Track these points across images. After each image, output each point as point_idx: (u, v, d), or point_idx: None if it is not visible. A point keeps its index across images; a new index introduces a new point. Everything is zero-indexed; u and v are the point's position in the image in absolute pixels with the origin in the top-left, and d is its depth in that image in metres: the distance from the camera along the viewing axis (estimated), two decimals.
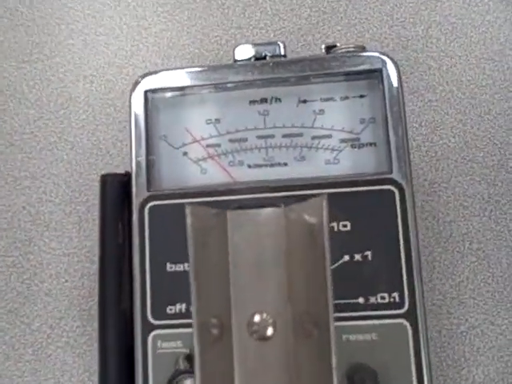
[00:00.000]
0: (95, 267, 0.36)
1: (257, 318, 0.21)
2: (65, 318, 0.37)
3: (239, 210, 0.22)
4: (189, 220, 0.20)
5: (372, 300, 0.28)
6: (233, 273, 0.21)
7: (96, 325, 0.35)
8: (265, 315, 0.21)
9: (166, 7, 0.42)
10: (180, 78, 0.32)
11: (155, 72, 0.32)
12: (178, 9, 0.41)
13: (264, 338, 0.20)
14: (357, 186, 0.29)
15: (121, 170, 0.39)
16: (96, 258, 0.36)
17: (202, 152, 0.32)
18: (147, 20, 0.41)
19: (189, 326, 0.27)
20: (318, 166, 0.31)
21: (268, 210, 0.22)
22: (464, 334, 0.35)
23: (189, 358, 0.28)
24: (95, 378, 0.35)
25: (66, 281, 0.38)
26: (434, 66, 0.39)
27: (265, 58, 0.32)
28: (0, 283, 0.39)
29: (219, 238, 0.21)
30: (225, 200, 0.30)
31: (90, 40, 0.42)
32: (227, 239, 0.21)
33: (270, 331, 0.20)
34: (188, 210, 0.20)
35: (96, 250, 0.36)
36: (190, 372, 0.27)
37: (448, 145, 0.38)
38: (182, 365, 0.27)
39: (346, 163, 0.31)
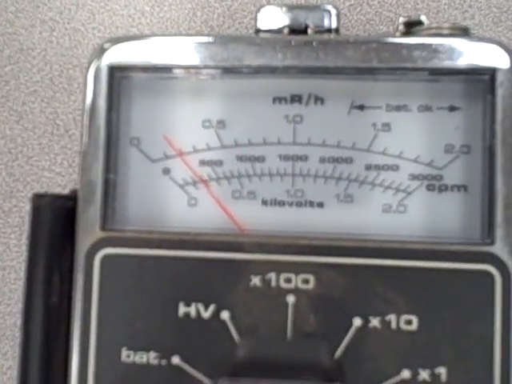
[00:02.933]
0: None
1: None
2: None
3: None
4: None
5: None
6: None
7: None
8: None
9: None
10: (169, 50, 0.21)
11: (131, 38, 0.22)
12: None
13: None
14: (432, 259, 0.19)
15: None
16: None
17: (192, 171, 0.21)
18: None
19: None
20: (371, 213, 0.21)
21: None
22: None
23: None
24: None
25: None
26: None
27: (305, 30, 0.21)
28: None
29: None
30: (221, 259, 0.20)
31: None
32: None
33: None
34: None
35: None
36: None
37: None
38: None
39: (416, 215, 0.21)
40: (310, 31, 0.21)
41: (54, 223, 0.20)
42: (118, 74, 0.21)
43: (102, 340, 0.20)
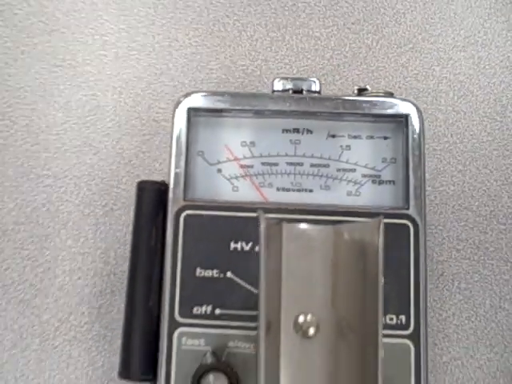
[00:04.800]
0: (109, 268, 0.41)
1: (301, 319, 0.25)
2: (74, 314, 0.40)
3: (294, 223, 0.26)
4: (262, 225, 0.24)
5: None
6: (284, 278, 0.25)
7: (104, 322, 0.40)
8: (309, 317, 0.24)
9: (197, 32, 0.46)
10: (221, 100, 0.36)
11: (199, 91, 0.36)
12: (210, 35, 0.45)
13: (307, 336, 0.24)
14: (374, 217, 0.32)
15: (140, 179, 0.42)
16: (110, 260, 0.41)
17: (235, 170, 0.35)
18: (179, 42, 0.45)
19: (213, 326, 0.31)
20: (340, 195, 0.35)
21: (319, 227, 0.26)
22: (446, 364, 0.39)
23: (214, 354, 0.31)
24: (99, 372, 0.39)
25: (79, 278, 0.40)
26: (440, 118, 0.44)
27: (301, 91, 0.35)
28: (13, 274, 0.41)
29: (275, 246, 0.25)
30: (250, 216, 0.34)
31: (122, 53, 0.45)
32: (281, 248, 0.25)
33: (312, 331, 0.24)
34: (261, 216, 0.24)
35: (111, 253, 0.41)
36: (215, 368, 0.31)
37: (447, 191, 0.43)
38: (210, 359, 0.31)
39: (366, 196, 0.35)
40: (304, 92, 0.36)
41: (153, 197, 0.35)
42: (191, 112, 0.35)
43: (184, 264, 0.32)
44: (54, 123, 0.44)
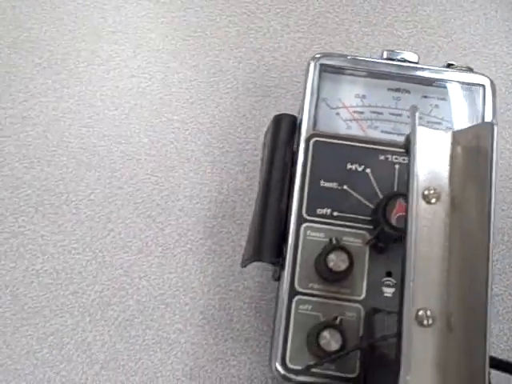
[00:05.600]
0: (221, 197, 0.50)
1: (426, 192, 0.35)
2: (191, 230, 0.48)
3: (425, 127, 0.37)
4: (417, 114, 0.35)
5: None
6: (417, 164, 0.36)
7: (215, 239, 0.49)
8: (432, 191, 0.35)
9: (304, 21, 0.57)
10: (344, 60, 0.47)
11: (329, 53, 0.48)
12: (314, 25, 0.57)
13: (430, 203, 0.35)
14: None
15: (253, 131, 0.53)
16: (223, 191, 0.51)
17: (349, 115, 0.46)
18: (289, 27, 0.57)
19: (331, 224, 0.42)
20: None
21: (442, 131, 0.37)
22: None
23: (337, 240, 0.42)
24: (209, 279, 0.48)
25: (197, 202, 0.49)
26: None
27: (404, 61, 0.45)
28: (143, 195, 0.51)
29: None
30: (363, 146, 0.45)
31: (242, 31, 0.56)
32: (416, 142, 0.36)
33: (434, 200, 0.35)
34: (414, 109, 0.35)
35: (224, 185, 0.51)
36: (338, 247, 0.41)
37: (500, 163, 0.54)
38: (334, 241, 0.41)
39: None
40: (406, 62, 0.49)
41: (288, 126, 0.46)
42: (322, 68, 0.47)
43: (311, 176, 0.42)
44: (185, 79, 0.55)
